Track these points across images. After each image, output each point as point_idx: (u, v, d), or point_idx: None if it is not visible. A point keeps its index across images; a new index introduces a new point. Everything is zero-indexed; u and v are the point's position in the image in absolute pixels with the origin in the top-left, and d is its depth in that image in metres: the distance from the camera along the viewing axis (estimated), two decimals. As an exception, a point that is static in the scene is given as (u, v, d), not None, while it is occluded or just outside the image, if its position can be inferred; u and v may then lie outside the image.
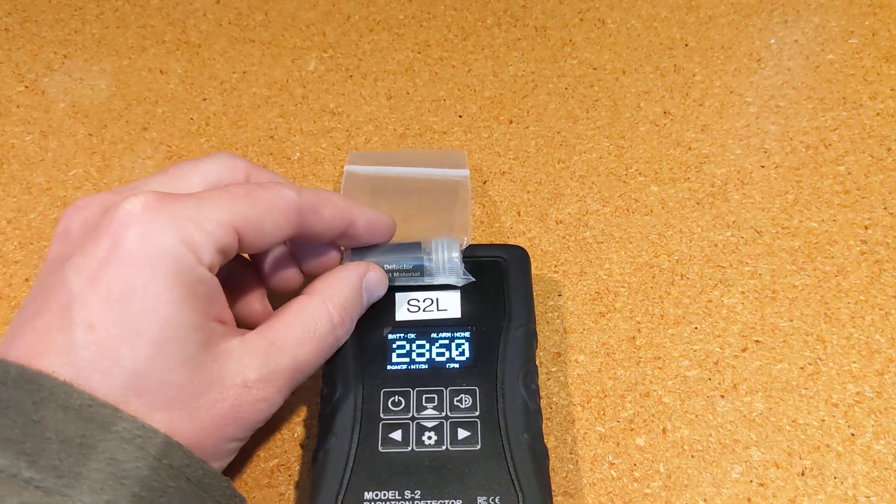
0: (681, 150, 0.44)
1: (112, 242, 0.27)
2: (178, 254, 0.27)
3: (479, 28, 0.51)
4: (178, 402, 0.27)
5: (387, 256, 0.35)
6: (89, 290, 0.26)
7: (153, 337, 0.26)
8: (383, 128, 0.46)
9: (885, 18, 0.50)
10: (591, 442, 0.35)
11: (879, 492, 0.33)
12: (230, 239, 0.28)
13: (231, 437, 0.29)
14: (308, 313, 0.31)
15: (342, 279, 0.32)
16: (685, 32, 0.50)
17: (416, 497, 0.31)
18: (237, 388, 0.28)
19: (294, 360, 0.30)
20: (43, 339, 0.26)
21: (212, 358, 0.28)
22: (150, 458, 0.25)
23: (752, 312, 0.38)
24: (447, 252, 0.35)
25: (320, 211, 0.31)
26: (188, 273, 0.27)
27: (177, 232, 0.27)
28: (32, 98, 0.48)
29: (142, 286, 0.26)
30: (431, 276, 0.35)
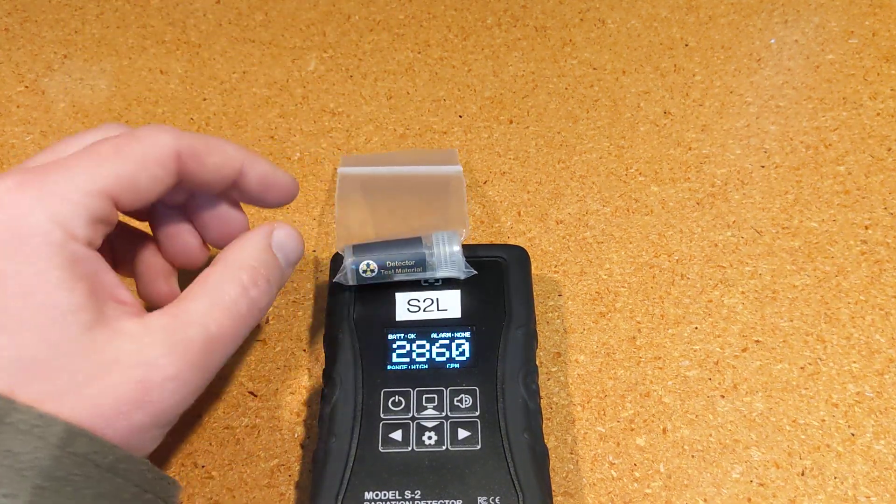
0: (681, 150, 0.44)
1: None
2: (47, 232, 0.25)
3: (479, 28, 0.51)
4: (72, 389, 0.25)
5: (388, 252, 0.35)
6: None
7: (33, 323, 0.24)
8: (383, 128, 0.46)
9: (885, 18, 0.50)
10: (591, 442, 0.35)
11: (880, 492, 0.33)
12: (103, 205, 0.26)
13: (143, 425, 0.26)
14: (213, 280, 0.28)
15: (247, 241, 0.30)
16: (685, 32, 0.50)
17: (416, 497, 0.31)
18: (139, 368, 0.26)
19: (204, 329, 0.27)
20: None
21: (104, 339, 0.25)
22: (51, 447, 0.24)
23: (752, 312, 0.38)
24: (448, 245, 0.35)
25: (204, 157, 0.29)
26: (61, 251, 0.25)
27: (43, 209, 0.25)
28: (32, 98, 0.48)
29: (13, 273, 0.24)
30: (433, 270, 0.35)
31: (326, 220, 0.42)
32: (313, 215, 0.43)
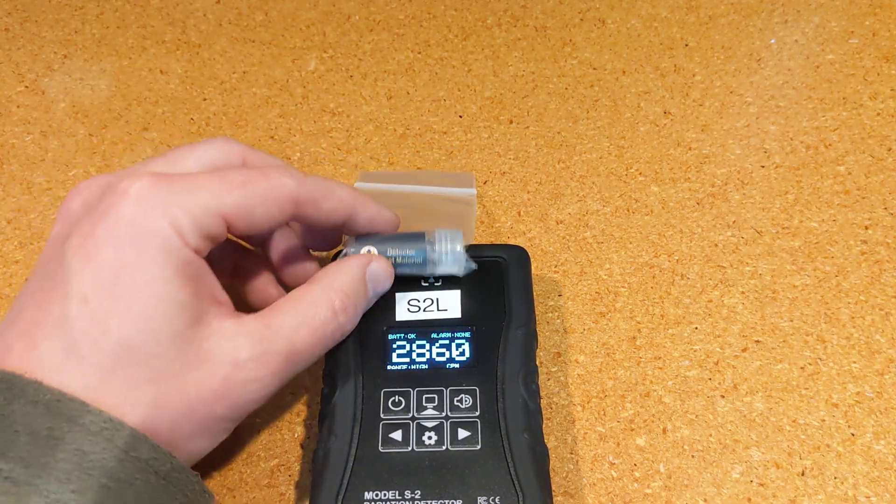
0: (681, 150, 0.44)
1: (107, 222, 0.28)
2: (167, 236, 0.28)
3: (479, 28, 0.51)
4: (166, 376, 0.27)
5: (390, 244, 0.35)
6: (84, 267, 0.27)
7: (141, 311, 0.27)
8: (383, 128, 0.46)
9: (885, 18, 0.50)
10: (591, 442, 0.35)
11: (880, 492, 0.33)
12: (216, 225, 0.29)
13: (220, 416, 0.29)
14: (307, 299, 0.31)
15: (344, 268, 0.32)
16: (685, 32, 0.50)
17: (416, 497, 0.31)
18: (227, 366, 0.29)
19: (290, 343, 0.30)
20: (42, 311, 0.28)
21: (202, 336, 0.29)
22: (117, 450, 0.26)
23: (752, 312, 0.38)
24: (450, 243, 0.35)
25: (320, 203, 0.32)
26: (176, 254, 0.28)
27: (166, 215, 0.28)
28: (32, 98, 0.48)
29: (132, 264, 0.27)
30: (434, 266, 0.35)
31: (326, 220, 0.42)
32: (313, 215, 0.43)
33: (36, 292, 0.28)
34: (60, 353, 0.27)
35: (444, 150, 0.45)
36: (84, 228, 0.28)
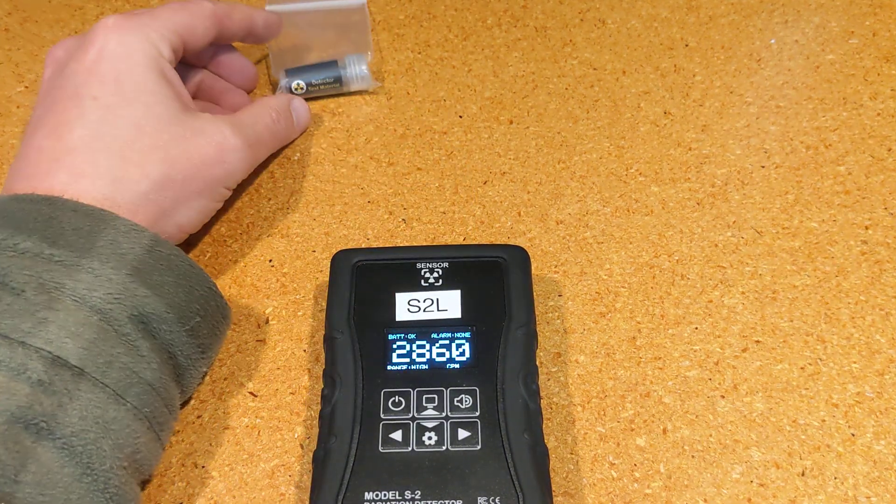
0: (681, 151, 0.44)
1: (98, 48, 0.36)
2: (146, 49, 0.37)
3: (479, 28, 0.51)
4: (173, 144, 0.36)
5: (312, 73, 0.46)
6: (89, 78, 0.35)
7: (144, 100, 0.36)
8: (383, 128, 0.46)
9: (886, 18, 0.50)
10: (591, 442, 0.35)
11: (880, 492, 0.33)
12: (177, 41, 0.38)
13: (217, 178, 0.38)
14: (255, 109, 0.41)
15: (276, 97, 0.44)
16: (685, 32, 0.50)
17: (416, 497, 0.31)
18: (218, 136, 0.37)
19: (253, 131, 0.40)
20: (61, 114, 0.35)
21: (191, 118, 0.37)
22: (143, 246, 0.33)
23: (752, 313, 0.38)
24: (357, 65, 0.46)
25: (231, 15, 0.42)
26: (157, 62, 0.37)
27: (143, 36, 0.37)
28: (32, 98, 0.48)
29: (127, 70, 0.36)
30: (349, 85, 0.47)
31: (326, 220, 0.42)
32: (313, 215, 0.43)
33: (54, 105, 0.36)
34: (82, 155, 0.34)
35: (444, 150, 0.45)
36: (78, 57, 0.36)
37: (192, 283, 0.34)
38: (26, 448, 0.27)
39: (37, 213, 0.32)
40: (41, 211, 0.32)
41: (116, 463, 0.30)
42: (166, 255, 0.33)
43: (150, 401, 0.31)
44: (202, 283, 0.34)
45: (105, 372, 0.30)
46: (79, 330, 0.30)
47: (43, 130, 0.35)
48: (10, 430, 0.27)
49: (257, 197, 0.43)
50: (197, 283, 0.34)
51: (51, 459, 0.28)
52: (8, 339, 0.29)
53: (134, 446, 0.31)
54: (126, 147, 0.35)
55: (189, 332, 0.33)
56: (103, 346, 0.30)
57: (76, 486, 0.28)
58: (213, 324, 0.35)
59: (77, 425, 0.29)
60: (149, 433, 0.31)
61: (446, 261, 0.37)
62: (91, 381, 0.30)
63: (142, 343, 0.31)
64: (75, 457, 0.28)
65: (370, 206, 0.43)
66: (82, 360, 0.29)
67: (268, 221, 0.42)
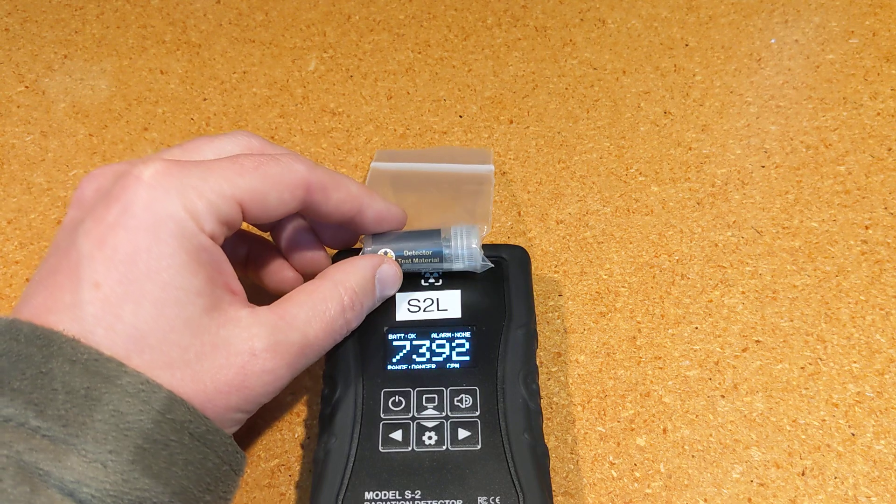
0: (681, 150, 0.44)
1: (121, 207, 0.28)
2: (181, 220, 0.28)
3: (479, 28, 0.51)
4: (181, 363, 0.27)
5: (406, 242, 0.35)
6: (97, 252, 0.27)
7: (155, 297, 0.27)
8: (383, 128, 0.46)
9: (886, 18, 0.50)
10: (591, 442, 0.35)
11: (880, 492, 0.33)
12: (232, 211, 0.29)
13: (235, 407, 0.29)
14: (319, 294, 0.31)
15: (355, 266, 0.33)
16: (685, 32, 0.50)
17: (416, 497, 0.30)
18: (243, 356, 0.29)
19: (303, 336, 0.30)
20: (52, 296, 0.27)
21: (218, 323, 0.28)
22: (154, 412, 0.26)
23: (752, 312, 0.38)
24: (466, 239, 0.35)
25: (330, 192, 0.32)
26: (190, 240, 0.28)
27: (181, 200, 0.28)
28: (33, 98, 0.48)
29: (145, 249, 0.27)
30: (450, 263, 0.35)
31: (326, 220, 0.42)
32: (313, 215, 0.43)
33: (48, 278, 0.28)
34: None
35: (445, 150, 0.45)
36: (97, 213, 0.28)
37: (207, 455, 0.28)
38: None
39: (27, 361, 0.26)
40: (32, 359, 0.26)
41: None
42: (180, 424, 0.27)
43: None
44: (219, 447, 0.28)
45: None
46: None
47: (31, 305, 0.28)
48: None
49: (257, 197, 0.43)
50: (213, 449, 0.28)
51: None
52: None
53: None
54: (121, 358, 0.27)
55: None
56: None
57: None
58: (223, 489, 0.29)
59: None
60: None
61: (446, 261, 0.37)
62: None
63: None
64: None
65: (370, 206, 0.43)
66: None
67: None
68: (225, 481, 0.29)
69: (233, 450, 0.29)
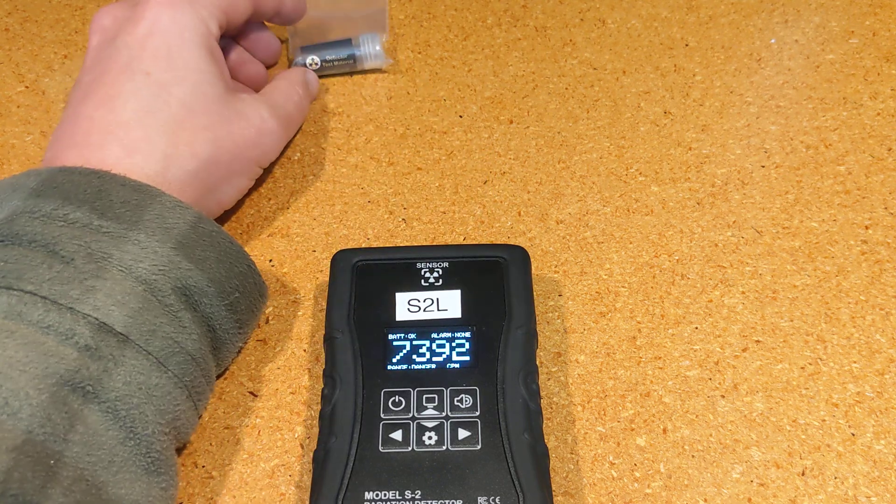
0: (681, 150, 0.44)
1: (150, 23, 0.37)
2: (198, 27, 0.38)
3: (479, 28, 0.51)
4: (219, 124, 0.37)
5: (327, 50, 0.48)
6: (141, 52, 0.36)
7: (194, 79, 0.37)
8: (383, 128, 0.46)
9: (886, 18, 0.50)
10: (591, 442, 0.35)
11: (880, 492, 0.33)
12: (223, 17, 0.39)
13: (254, 159, 0.39)
14: (282, 87, 0.43)
15: (295, 72, 0.45)
16: (685, 32, 0.50)
17: (416, 497, 0.31)
18: (258, 119, 0.39)
19: (285, 110, 0.42)
20: (113, 86, 0.36)
21: (234, 99, 0.39)
22: (188, 222, 0.33)
23: (752, 312, 0.38)
24: (372, 43, 0.48)
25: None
26: (207, 40, 0.38)
27: (194, 12, 0.38)
28: (32, 98, 0.48)
29: (178, 47, 0.37)
30: (362, 63, 0.48)
31: (326, 220, 0.42)
32: (313, 215, 0.43)
33: (103, 75, 0.36)
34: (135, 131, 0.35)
35: (445, 150, 0.45)
36: (128, 29, 0.37)
37: (233, 260, 0.34)
38: (74, 410, 0.28)
39: (87, 184, 0.33)
40: (91, 183, 0.33)
41: (158, 428, 0.31)
42: (209, 232, 0.34)
43: (191, 370, 0.32)
44: (241, 261, 0.35)
45: (149, 340, 0.31)
46: (125, 299, 0.31)
47: (94, 100, 0.36)
48: (59, 392, 0.28)
49: (257, 197, 0.43)
50: (237, 260, 0.35)
51: (97, 422, 0.29)
52: (57, 305, 0.30)
53: (174, 413, 0.32)
54: (177, 125, 0.36)
55: (228, 307, 0.34)
56: (147, 315, 0.31)
57: (120, 448, 0.29)
58: (250, 300, 0.36)
59: (122, 390, 0.30)
60: (188, 402, 0.32)
61: (446, 261, 0.37)
62: (135, 349, 0.31)
63: (184, 314, 0.32)
64: (119, 420, 0.29)
65: (370, 206, 0.43)
66: (127, 328, 0.30)
67: (268, 221, 0.42)
68: (252, 292, 0.36)
69: (254, 270, 0.36)
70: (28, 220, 0.32)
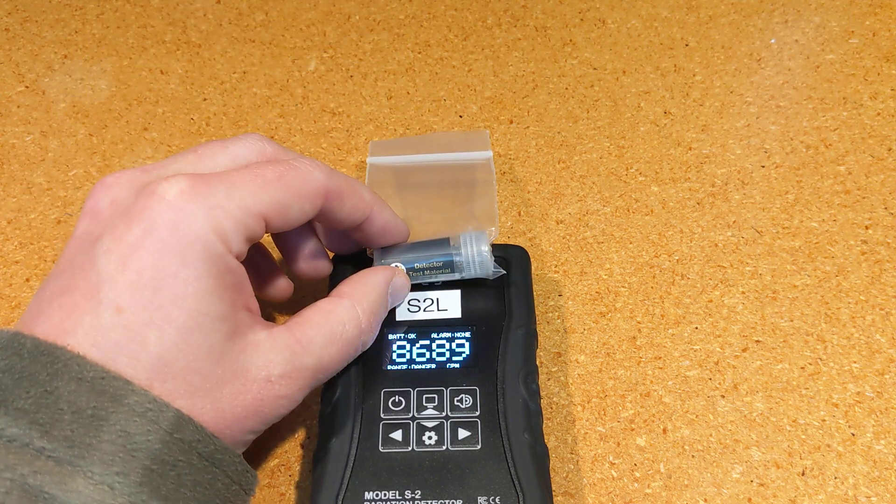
0: (681, 150, 0.44)
1: (144, 228, 0.27)
2: (209, 242, 0.27)
3: (479, 28, 0.51)
4: (202, 391, 0.27)
5: (417, 254, 0.35)
6: (119, 273, 0.26)
7: (181, 324, 0.26)
8: (383, 128, 0.46)
9: (886, 18, 0.50)
10: (591, 442, 0.35)
11: (880, 492, 0.33)
12: (258, 226, 0.28)
13: (249, 430, 0.29)
14: (337, 315, 0.31)
15: (371, 283, 0.32)
16: (685, 32, 0.50)
17: (416, 497, 0.30)
18: (261, 382, 0.28)
19: (318, 360, 0.30)
20: (70, 317, 0.26)
21: (238, 349, 0.28)
22: (162, 431, 0.25)
23: (752, 312, 0.38)
24: (476, 246, 0.35)
25: (345, 199, 0.31)
26: (217, 262, 0.27)
27: (208, 220, 0.27)
28: (33, 98, 0.48)
29: (172, 274, 0.26)
30: (461, 272, 0.35)
31: (326, 220, 0.42)
32: (313, 215, 0.43)
33: (62, 295, 0.27)
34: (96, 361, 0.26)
35: (445, 150, 0.45)
36: (118, 232, 0.27)
37: (216, 475, 0.27)
38: None
39: (31, 379, 0.25)
40: (36, 377, 0.25)
41: None
42: (188, 444, 0.26)
43: None
44: (229, 467, 0.28)
45: None
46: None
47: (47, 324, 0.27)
48: None
49: (257, 197, 0.43)
50: (223, 469, 0.27)
51: None
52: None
53: None
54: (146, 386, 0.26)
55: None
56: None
57: None
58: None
59: None
60: None
61: (446, 261, 0.37)
62: None
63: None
64: None
65: (370, 206, 0.43)
66: None
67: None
68: (235, 502, 0.28)
69: (242, 469, 0.28)
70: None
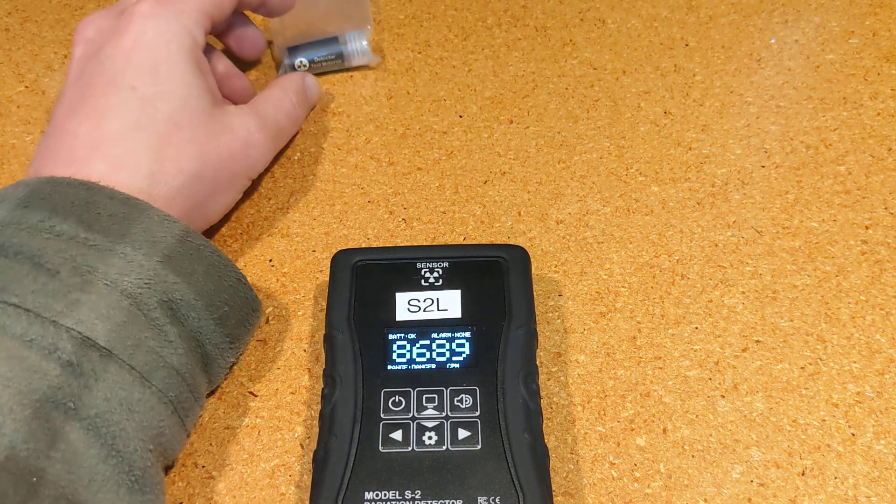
0: (681, 150, 0.44)
1: (133, 36, 0.36)
2: (183, 38, 0.37)
3: (479, 28, 0.51)
4: (205, 139, 0.37)
5: (314, 50, 0.47)
6: (126, 66, 0.36)
7: (180, 93, 0.36)
8: (383, 128, 0.46)
9: (886, 18, 0.50)
10: (591, 442, 0.35)
11: (880, 492, 0.33)
12: (209, 22, 0.39)
13: (239, 172, 0.39)
14: (275, 96, 0.42)
15: (291, 77, 0.44)
16: (685, 32, 0.50)
17: (416, 497, 0.31)
18: (244, 132, 0.38)
19: (275, 122, 0.41)
20: (98, 101, 0.35)
21: (221, 112, 0.38)
22: (176, 236, 0.33)
23: (752, 312, 0.38)
24: (358, 40, 0.48)
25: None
26: (192, 51, 0.37)
27: (178, 22, 0.37)
28: (32, 98, 0.48)
29: (164, 60, 0.36)
30: (350, 61, 0.48)
31: (326, 220, 0.42)
32: (313, 215, 0.43)
33: (87, 90, 0.36)
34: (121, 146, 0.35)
35: (444, 150, 0.45)
36: (113, 42, 0.36)
37: (222, 274, 0.34)
38: (56, 427, 0.28)
39: (74, 196, 0.33)
40: (79, 195, 0.33)
41: (141, 445, 0.30)
42: (196, 246, 0.34)
43: (176, 385, 0.32)
44: (231, 274, 0.35)
45: (132, 354, 0.31)
46: (109, 312, 0.30)
47: (78, 115, 0.35)
48: (42, 409, 0.28)
49: (257, 197, 0.43)
50: (226, 273, 0.34)
51: (77, 439, 0.29)
52: (41, 318, 0.29)
53: (158, 429, 0.31)
54: (163, 141, 0.35)
55: (217, 321, 0.34)
56: (132, 329, 0.31)
57: (101, 467, 0.29)
58: (241, 315, 0.35)
59: (101, 407, 0.29)
60: (173, 417, 0.32)
61: (446, 260, 0.37)
62: (118, 363, 0.30)
63: (170, 329, 0.32)
64: (100, 438, 0.29)
65: (370, 206, 0.43)
66: (111, 342, 0.30)
67: (268, 221, 0.42)
68: (243, 307, 0.35)
69: (245, 284, 0.35)
70: (14, 231, 0.31)
